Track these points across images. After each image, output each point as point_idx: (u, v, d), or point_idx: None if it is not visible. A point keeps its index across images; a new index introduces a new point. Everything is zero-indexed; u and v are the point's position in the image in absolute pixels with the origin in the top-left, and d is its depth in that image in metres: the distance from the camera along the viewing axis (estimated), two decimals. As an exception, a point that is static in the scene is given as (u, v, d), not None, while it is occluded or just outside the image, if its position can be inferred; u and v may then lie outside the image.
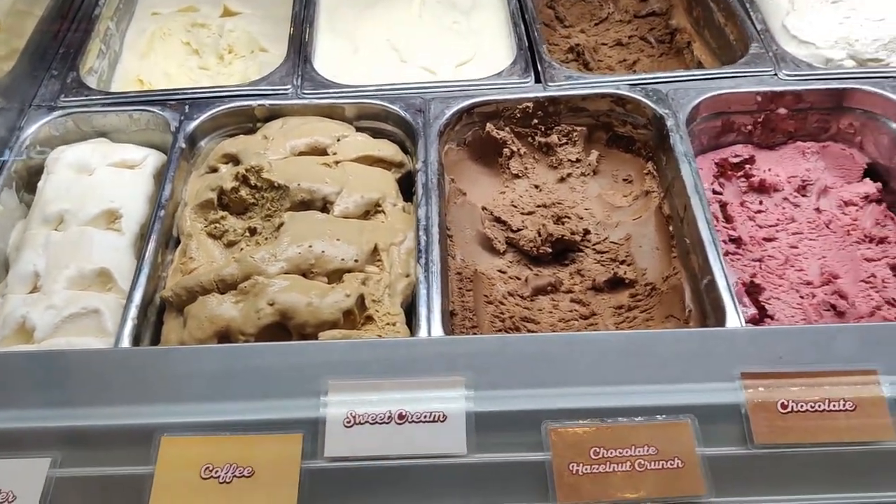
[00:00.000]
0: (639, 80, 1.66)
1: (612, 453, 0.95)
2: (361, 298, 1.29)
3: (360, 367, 1.02)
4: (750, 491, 0.94)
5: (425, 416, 0.98)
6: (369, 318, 1.29)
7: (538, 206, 1.64)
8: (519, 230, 1.59)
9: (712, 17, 1.91)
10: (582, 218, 1.62)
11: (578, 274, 1.56)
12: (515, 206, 1.64)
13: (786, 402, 0.98)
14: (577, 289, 1.54)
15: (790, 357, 1.01)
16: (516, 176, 1.69)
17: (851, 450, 0.96)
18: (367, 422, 0.98)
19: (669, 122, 1.56)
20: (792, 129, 1.68)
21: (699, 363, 1.02)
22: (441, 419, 0.98)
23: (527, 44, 1.75)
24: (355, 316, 1.28)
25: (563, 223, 1.59)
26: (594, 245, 1.60)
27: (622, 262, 1.55)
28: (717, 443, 0.96)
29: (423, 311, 1.28)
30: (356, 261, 1.33)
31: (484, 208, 1.64)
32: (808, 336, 1.06)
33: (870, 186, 1.62)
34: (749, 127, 1.68)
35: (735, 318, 1.24)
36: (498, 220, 1.62)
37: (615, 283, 1.53)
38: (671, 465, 0.94)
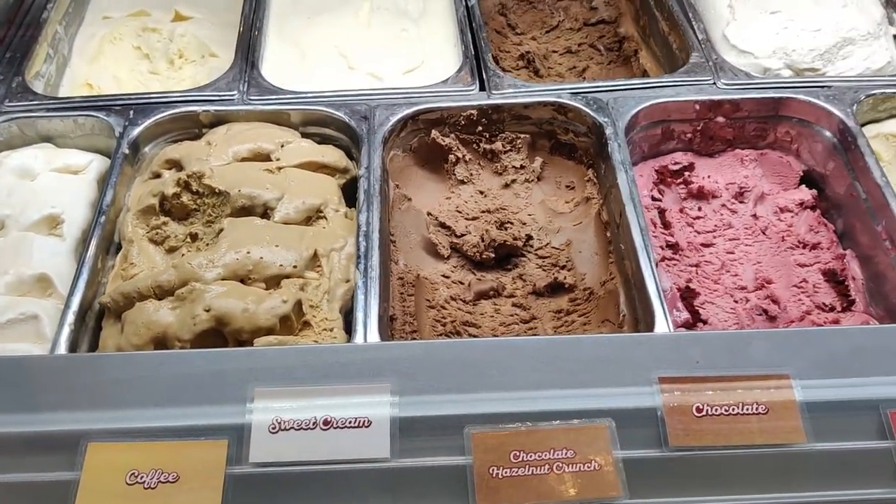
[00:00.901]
0: (580, 88, 1.69)
1: (531, 457, 0.98)
2: (299, 304, 1.30)
3: (288, 374, 1.04)
4: (665, 492, 0.97)
5: (350, 422, 1.00)
6: (307, 324, 1.30)
7: (482, 212, 1.66)
8: (463, 235, 1.61)
9: (657, 27, 1.95)
10: (525, 223, 1.65)
11: (521, 279, 1.59)
12: (460, 212, 1.66)
13: (700, 406, 1.01)
14: (518, 293, 1.57)
15: (706, 362, 1.04)
16: (462, 182, 1.71)
17: (763, 452, 0.99)
18: (292, 428, 0.99)
19: (608, 131, 1.59)
20: (730, 136, 1.72)
21: (618, 368, 1.04)
22: (366, 425, 1.00)
23: (473, 52, 1.77)
24: (292, 322, 1.29)
25: (506, 228, 1.62)
26: (536, 250, 1.62)
27: (563, 268, 1.58)
28: (633, 445, 0.99)
29: (360, 315, 1.29)
30: (295, 266, 1.35)
31: (429, 213, 1.66)
32: (725, 341, 1.09)
33: (805, 193, 1.66)
34: (689, 135, 1.71)
35: (664, 323, 1.27)
36: (442, 225, 1.64)
37: (555, 288, 1.56)
38: (588, 467, 0.97)
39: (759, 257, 1.59)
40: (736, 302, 1.52)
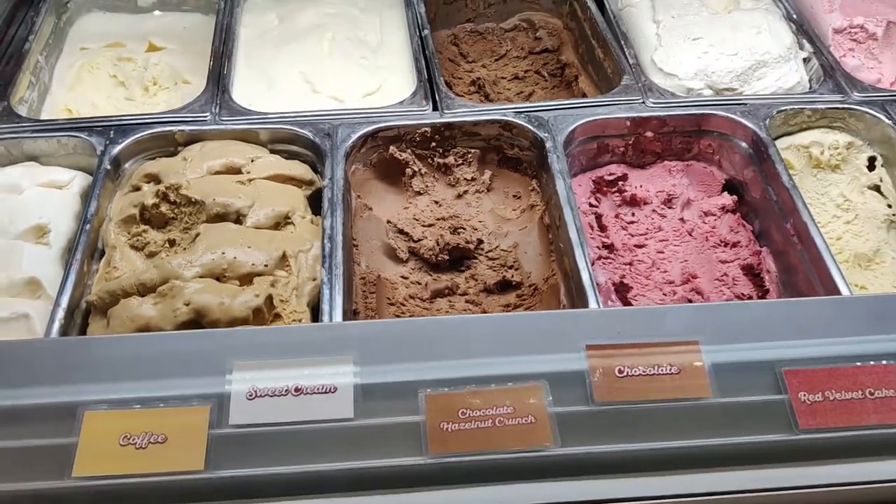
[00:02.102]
0: (524, 108, 1.86)
1: (476, 413, 1.12)
2: (270, 298, 1.44)
3: (262, 350, 1.17)
4: (591, 441, 1.12)
5: (318, 389, 1.14)
6: (277, 316, 1.44)
7: (438, 219, 1.82)
8: (420, 240, 1.77)
9: (594, 54, 2.15)
10: (476, 229, 1.81)
11: (473, 278, 1.74)
12: (417, 220, 1.82)
13: (622, 368, 1.17)
14: (471, 291, 1.72)
15: (628, 332, 1.20)
16: (418, 193, 1.87)
17: (675, 405, 1.15)
18: (266, 395, 1.13)
19: (548, 145, 1.77)
20: (659, 150, 1.90)
21: (553, 339, 1.20)
22: (332, 391, 1.14)
23: (426, 77, 1.94)
24: (264, 314, 1.43)
25: (459, 234, 1.78)
26: (487, 253, 1.78)
27: (510, 267, 1.74)
28: (565, 402, 1.14)
29: (325, 308, 1.44)
30: (266, 266, 1.49)
31: (389, 221, 1.81)
32: (644, 315, 1.25)
33: (727, 199, 1.85)
34: (622, 149, 1.89)
35: (596, 307, 1.43)
36: (401, 231, 1.79)
37: (504, 286, 1.72)
38: (525, 420, 1.12)
39: (686, 256, 1.77)
40: (665, 294, 1.69)
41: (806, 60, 2.03)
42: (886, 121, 1.84)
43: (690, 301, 1.66)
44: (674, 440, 1.13)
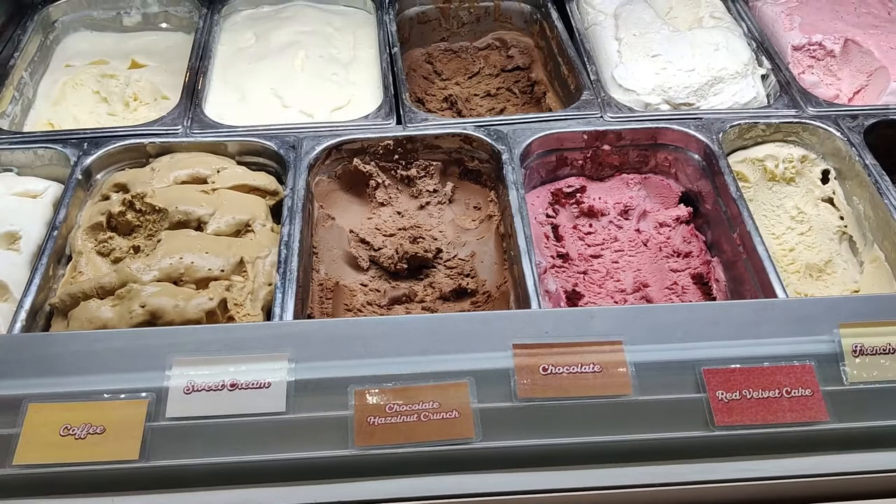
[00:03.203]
0: (484, 122, 1.92)
1: (403, 408, 1.17)
2: (224, 302, 1.50)
3: (203, 347, 1.23)
4: (513, 436, 1.16)
5: (253, 384, 1.19)
6: (231, 319, 1.50)
7: (399, 229, 1.88)
8: (380, 249, 1.82)
9: (560, 71, 2.21)
10: (436, 238, 1.86)
11: (430, 286, 1.80)
12: (379, 229, 1.88)
13: (546, 366, 1.21)
14: (428, 299, 1.77)
15: (555, 332, 1.25)
16: (382, 204, 1.93)
17: (597, 402, 1.19)
18: (203, 389, 1.18)
19: (505, 157, 1.82)
20: (617, 163, 1.96)
21: (482, 338, 1.24)
22: (266, 386, 1.19)
23: (392, 92, 2.01)
24: (218, 316, 1.48)
25: (418, 243, 1.83)
26: (445, 261, 1.83)
27: (467, 275, 1.79)
28: (489, 399, 1.18)
29: (277, 311, 1.49)
30: (222, 270, 1.55)
31: (351, 231, 1.87)
32: (572, 316, 1.29)
33: (682, 210, 1.89)
34: (580, 161, 1.95)
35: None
36: (363, 241, 1.85)
37: (460, 293, 1.77)
38: (450, 415, 1.16)
39: (640, 265, 1.82)
40: (616, 302, 1.74)
41: (764, 77, 2.08)
42: (838, 135, 1.88)
43: (640, 308, 1.70)
44: (593, 436, 1.17)
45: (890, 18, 2.24)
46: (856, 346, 1.24)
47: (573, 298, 1.72)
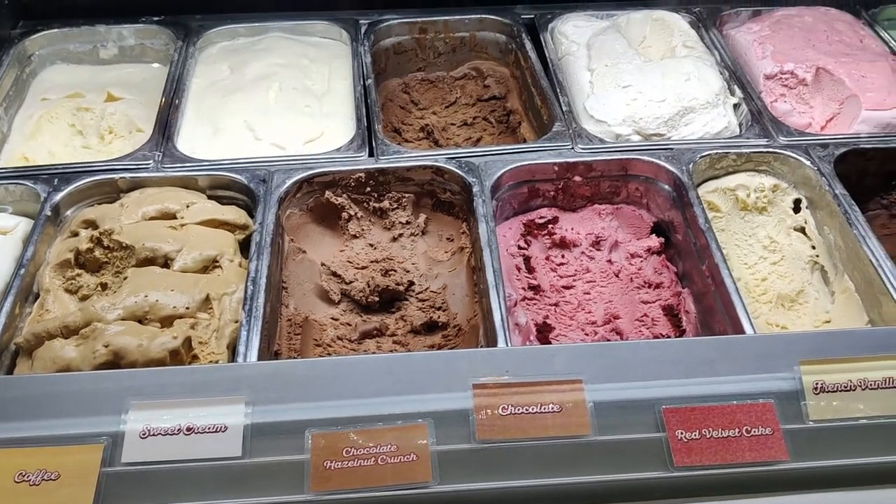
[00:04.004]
0: (456, 154, 1.93)
1: (360, 451, 1.16)
2: (188, 340, 1.49)
3: (161, 390, 1.22)
4: (471, 478, 1.15)
5: (209, 428, 1.18)
6: (195, 357, 1.49)
7: (371, 262, 1.88)
8: (351, 282, 1.82)
9: (533, 101, 2.22)
10: (408, 271, 1.86)
11: (402, 319, 1.79)
12: (351, 262, 1.87)
13: (506, 407, 1.21)
14: (399, 332, 1.77)
15: (515, 371, 1.24)
16: (354, 236, 1.93)
17: (556, 443, 1.18)
18: (159, 434, 1.18)
19: (476, 189, 1.82)
20: (589, 193, 1.96)
21: (442, 378, 1.24)
22: (223, 430, 1.18)
23: (365, 124, 2.01)
24: (182, 355, 1.48)
25: (389, 276, 1.83)
26: (417, 294, 1.83)
27: (438, 308, 1.79)
28: (448, 441, 1.18)
29: (241, 349, 1.48)
30: (188, 308, 1.54)
31: (323, 264, 1.87)
32: (532, 355, 1.29)
33: (653, 241, 1.89)
34: (552, 193, 1.95)
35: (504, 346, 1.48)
36: (334, 274, 1.85)
37: (431, 326, 1.77)
38: (407, 458, 1.16)
39: (611, 297, 1.81)
40: (586, 335, 1.73)
41: (737, 106, 2.09)
42: (808, 164, 1.89)
43: (609, 341, 1.70)
44: (552, 478, 1.17)
45: (861, 46, 2.26)
46: (817, 384, 1.24)
47: (544, 331, 1.71)
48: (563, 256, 1.90)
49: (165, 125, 2.01)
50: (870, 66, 2.14)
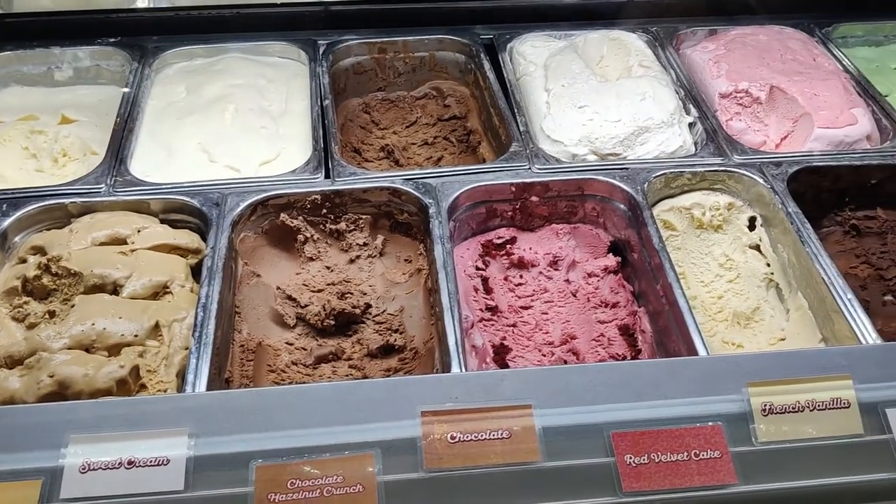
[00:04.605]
0: (413, 175, 1.92)
1: (305, 483, 1.14)
2: (136, 369, 1.46)
3: (102, 423, 1.19)
4: (418, 509, 1.14)
5: (151, 462, 1.15)
6: (143, 386, 1.47)
7: (328, 285, 1.86)
8: (307, 306, 1.80)
9: (492, 121, 2.22)
10: (365, 293, 1.85)
11: (358, 343, 1.77)
12: (307, 285, 1.85)
13: (454, 434, 1.19)
14: (355, 356, 1.75)
15: (465, 397, 1.23)
16: (311, 259, 1.91)
17: (505, 470, 1.17)
18: (99, 468, 1.15)
19: (432, 211, 1.81)
20: (546, 213, 1.96)
21: (390, 405, 1.22)
22: (164, 463, 1.16)
23: (322, 145, 2.00)
24: (130, 384, 1.45)
25: (345, 298, 1.81)
26: (374, 317, 1.82)
27: (395, 331, 1.77)
28: (396, 470, 1.16)
29: (190, 378, 1.46)
30: (136, 336, 1.51)
31: (278, 287, 1.84)
32: (482, 380, 1.28)
33: (610, 260, 1.90)
34: (510, 213, 1.95)
35: (459, 371, 1.47)
36: (289, 297, 1.82)
37: (388, 350, 1.75)
38: (354, 489, 1.14)
39: (569, 317, 1.81)
40: (543, 355, 1.73)
41: (692, 125, 2.11)
42: (762, 182, 1.90)
43: (566, 362, 1.70)
44: (502, 505, 1.15)
45: (815, 65, 2.29)
46: (765, 405, 1.24)
47: (501, 353, 1.71)
48: (521, 277, 1.89)
49: (119, 148, 1.98)
50: (822, 84, 2.17)
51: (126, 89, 2.21)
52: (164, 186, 1.87)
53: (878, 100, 2.20)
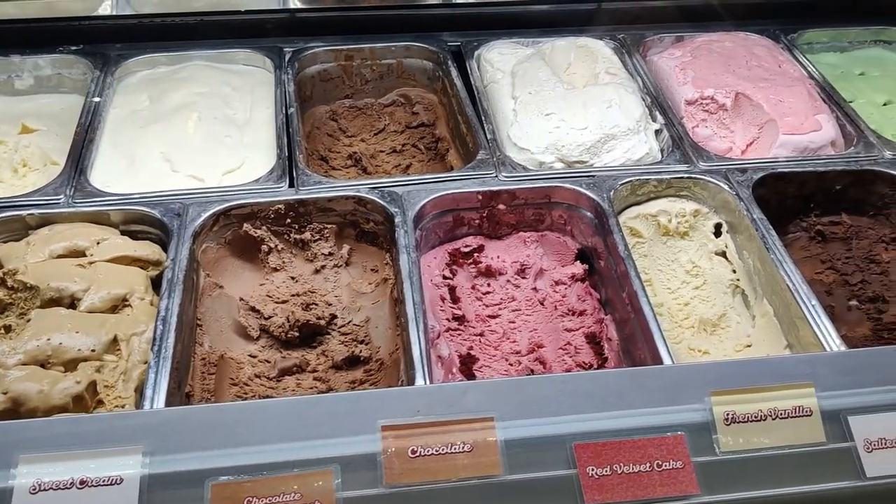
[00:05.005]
0: (378, 184, 1.90)
1: (262, 501, 1.12)
2: (93, 384, 1.43)
3: (55, 441, 1.16)
4: (378, 525, 1.12)
5: (104, 481, 1.13)
6: (101, 402, 1.43)
7: (292, 295, 1.83)
8: (271, 317, 1.77)
9: (460, 129, 2.21)
10: (330, 304, 1.82)
11: (323, 354, 1.75)
12: (271, 296, 1.83)
13: (415, 449, 1.18)
14: (320, 368, 1.73)
15: (426, 410, 1.21)
16: (275, 269, 1.88)
17: (466, 484, 1.16)
18: (51, 488, 1.12)
19: (398, 219, 1.80)
20: (514, 221, 1.95)
21: (350, 420, 1.20)
22: (118, 482, 1.13)
23: (286, 154, 1.98)
24: (86, 401, 1.42)
25: (310, 309, 1.79)
26: (340, 328, 1.80)
27: (361, 342, 1.75)
28: (355, 486, 1.14)
29: (149, 393, 1.43)
30: (93, 350, 1.48)
31: (241, 299, 1.82)
32: (445, 392, 1.26)
33: (577, 268, 1.89)
34: (477, 221, 1.94)
35: (422, 383, 1.45)
36: (253, 309, 1.80)
37: (353, 361, 1.73)
38: (312, 507, 1.12)
39: (536, 325, 1.80)
40: (510, 365, 1.72)
41: (658, 132, 2.11)
42: (727, 189, 1.91)
43: (533, 371, 1.69)
44: (463, 520, 1.14)
45: (780, 71, 2.31)
46: (727, 414, 1.23)
47: (467, 363, 1.69)
48: (488, 285, 1.88)
49: (79, 158, 1.95)
50: (787, 90, 2.18)
51: (87, 98, 2.17)
52: (124, 197, 1.83)
53: (843, 106, 2.21)
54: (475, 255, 1.92)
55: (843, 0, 2.62)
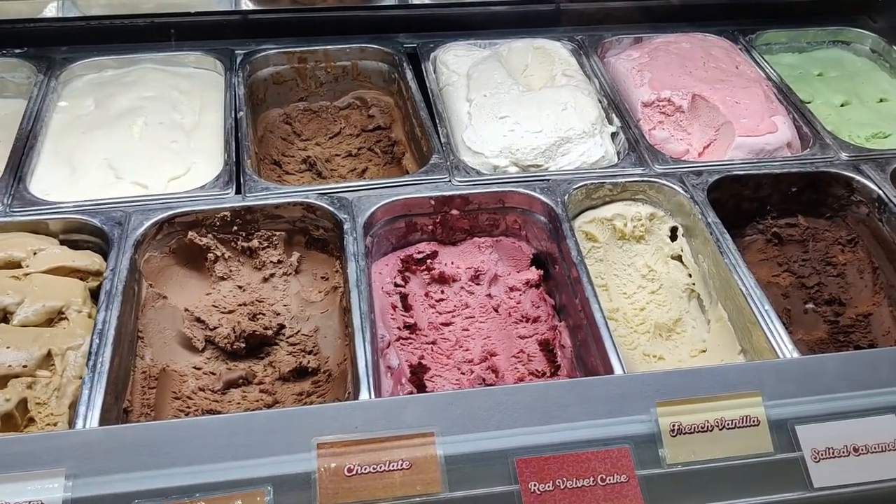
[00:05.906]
0: (328, 190, 1.86)
1: (190, 525, 1.07)
2: (24, 402, 1.38)
3: (-28, 465, 1.11)
4: (311, 547, 1.08)
5: (22, 506, 1.08)
6: (32, 420, 1.38)
7: (239, 305, 1.78)
8: (216, 328, 1.72)
9: (415, 132, 2.17)
10: (278, 313, 1.78)
11: (271, 366, 1.71)
12: (217, 306, 1.78)
13: (351, 467, 1.14)
14: (267, 380, 1.68)
15: (364, 426, 1.17)
16: (222, 278, 1.83)
17: (406, 502, 1.12)
18: (-36, 515, 1.06)
19: (347, 226, 1.75)
20: (468, 226, 1.91)
21: (285, 437, 1.16)
22: (38, 507, 1.08)
23: (234, 159, 1.92)
24: (16, 419, 1.36)
25: (257, 319, 1.74)
26: (288, 338, 1.75)
27: (309, 353, 1.71)
28: (288, 508, 1.10)
29: (82, 409, 1.37)
30: (25, 366, 1.43)
31: (186, 309, 1.77)
32: (384, 407, 1.22)
33: (532, 273, 1.86)
34: (430, 227, 1.90)
35: (367, 396, 1.41)
36: (198, 319, 1.75)
37: (301, 372, 1.68)
38: (241, 530, 1.07)
39: (490, 332, 1.77)
40: (462, 374, 1.68)
41: (615, 134, 2.09)
42: (682, 192, 1.89)
43: (485, 380, 1.65)
44: (401, 540, 1.10)
45: (737, 72, 2.29)
46: (673, 426, 1.21)
47: (418, 372, 1.65)
48: (442, 292, 1.84)
49: (18, 166, 1.88)
50: (743, 92, 2.17)
51: (30, 103, 2.10)
52: (64, 205, 1.77)
53: (799, 107, 2.20)
54: (428, 261, 1.88)
55: (801, 0, 2.62)
